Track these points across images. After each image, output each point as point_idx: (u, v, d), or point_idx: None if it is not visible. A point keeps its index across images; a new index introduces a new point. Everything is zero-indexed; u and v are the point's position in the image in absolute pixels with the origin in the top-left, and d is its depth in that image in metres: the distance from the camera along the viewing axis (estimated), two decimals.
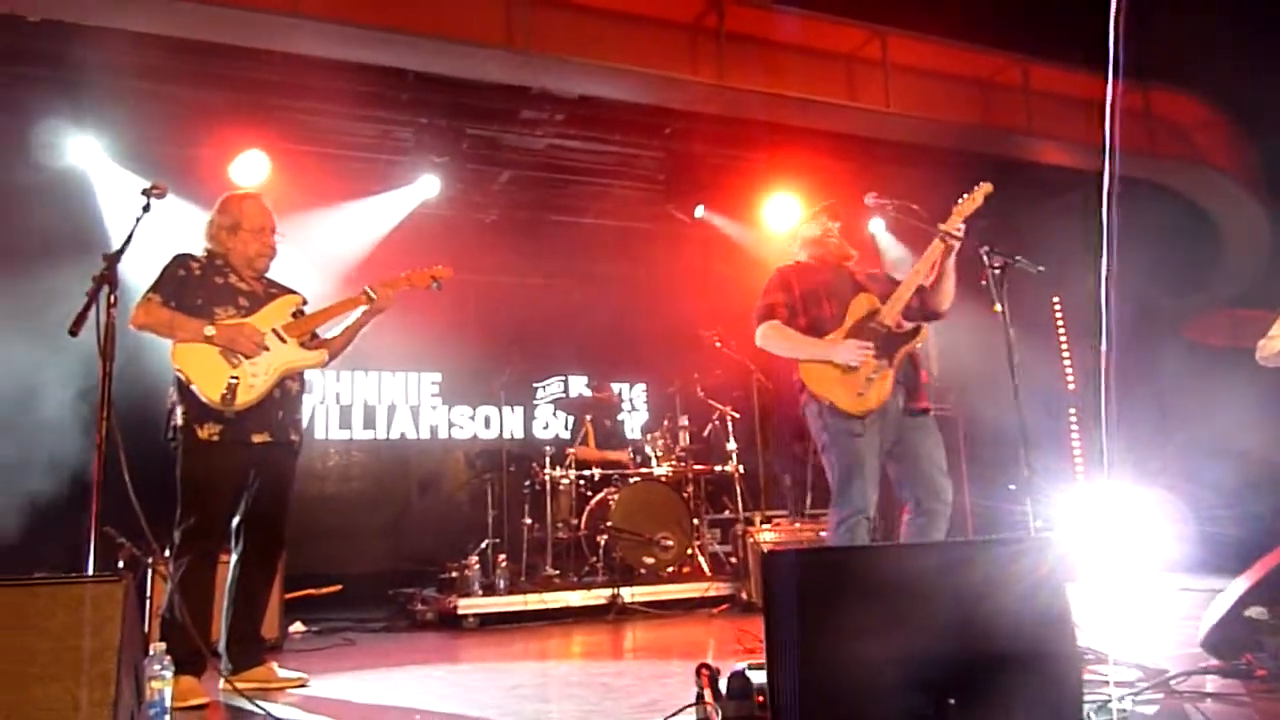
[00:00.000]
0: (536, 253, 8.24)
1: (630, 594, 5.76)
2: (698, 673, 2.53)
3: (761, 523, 6.42)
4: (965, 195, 3.65)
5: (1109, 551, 6.31)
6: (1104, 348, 3.04)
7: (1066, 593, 2.27)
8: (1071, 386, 8.31)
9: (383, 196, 7.10)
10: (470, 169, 7.31)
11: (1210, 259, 7.91)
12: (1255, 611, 2.95)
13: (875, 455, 3.51)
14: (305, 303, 3.80)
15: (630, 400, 9.15)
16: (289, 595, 5.27)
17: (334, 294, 3.87)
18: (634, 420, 8.90)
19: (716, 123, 6.80)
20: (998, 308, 3.28)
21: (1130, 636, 3.89)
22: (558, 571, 6.21)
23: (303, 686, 3.55)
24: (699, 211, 7.48)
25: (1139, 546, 6.50)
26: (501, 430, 8.15)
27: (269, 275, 3.82)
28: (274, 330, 3.58)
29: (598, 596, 5.73)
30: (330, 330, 3.82)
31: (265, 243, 3.75)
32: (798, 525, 6.37)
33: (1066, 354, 8.36)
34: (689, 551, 6.33)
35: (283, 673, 3.58)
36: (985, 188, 3.64)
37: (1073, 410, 8.20)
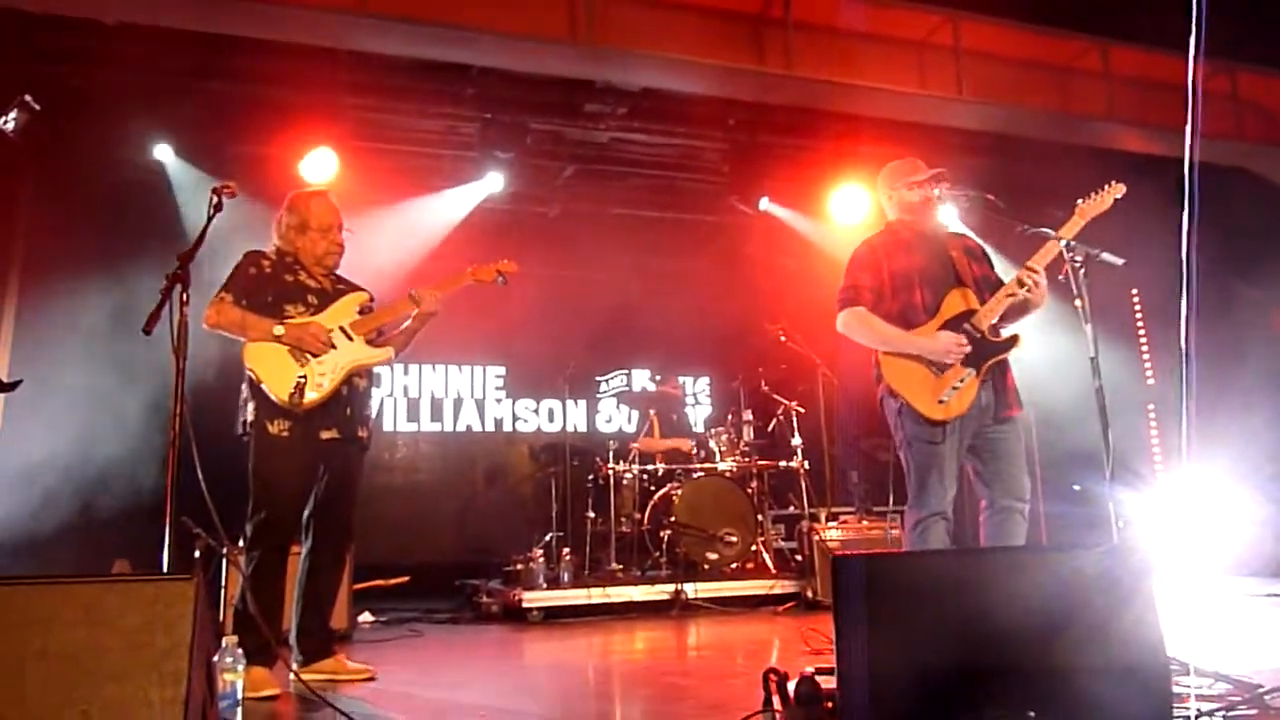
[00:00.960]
0: (599, 247, 8.23)
1: (693, 590, 5.72)
2: (765, 678, 2.48)
3: (827, 520, 6.32)
4: (1092, 195, 3.37)
5: (1190, 554, 6.07)
6: (1184, 342, 2.91)
7: (1154, 601, 2.17)
8: (1151, 382, 8.02)
9: (448, 193, 7.17)
10: (533, 164, 7.34)
11: None
12: None
13: (955, 456, 3.34)
14: (372, 300, 3.83)
15: (694, 394, 9.11)
16: (357, 586, 5.35)
17: (400, 290, 3.89)
18: (698, 414, 8.86)
19: (781, 113, 6.70)
20: (1078, 303, 3.14)
21: (1215, 645, 3.72)
22: (621, 566, 6.21)
23: (370, 680, 3.59)
24: (763, 204, 7.39)
25: (1222, 549, 6.25)
26: (565, 423, 8.18)
27: (338, 272, 3.86)
28: (341, 328, 3.62)
29: (661, 592, 5.70)
30: (393, 329, 3.85)
31: (333, 241, 3.79)
32: (864, 523, 6.25)
33: (1145, 349, 8.07)
34: (753, 548, 6.27)
35: (351, 665, 3.63)
36: (1117, 189, 3.35)
37: (1152, 407, 7.91)
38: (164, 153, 6.41)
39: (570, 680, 3.56)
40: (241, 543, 3.47)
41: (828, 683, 2.35)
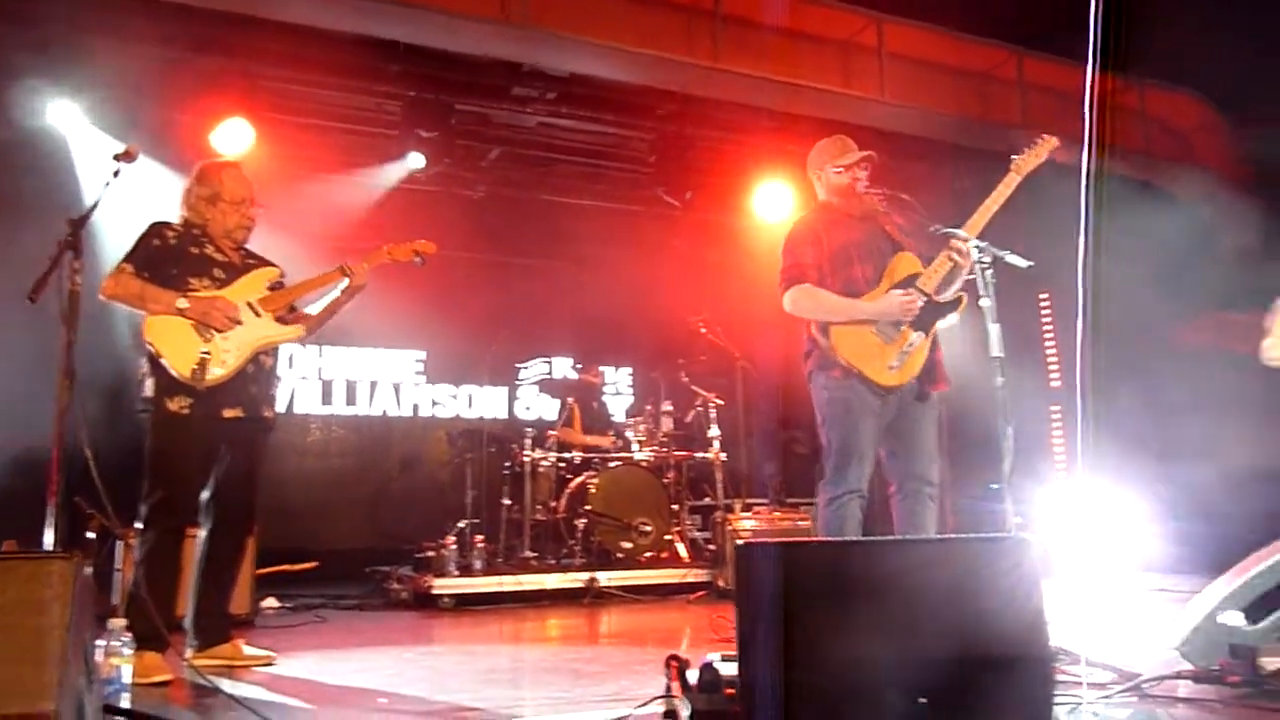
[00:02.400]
0: (525, 232, 8.17)
1: (607, 578, 5.74)
2: (667, 664, 2.49)
3: (741, 511, 6.40)
4: (1026, 150, 3.43)
5: (1087, 550, 6.31)
6: (1080, 344, 3.01)
7: (1042, 594, 2.24)
8: (1056, 384, 8.30)
9: (369, 170, 7.01)
10: (459, 145, 7.21)
11: (1201, 261, 7.89)
12: (1230, 617, 2.93)
13: (877, 433, 3.40)
14: (283, 276, 3.73)
15: (615, 384, 9.11)
16: (263, 570, 5.22)
17: (315, 267, 3.79)
18: (620, 404, 8.85)
19: (709, 106, 6.72)
20: (985, 302, 3.22)
21: (1107, 637, 3.88)
22: (535, 554, 6.18)
23: (269, 665, 3.50)
24: (689, 196, 7.41)
25: (1118, 545, 6.50)
26: (484, 410, 8.10)
27: (247, 246, 3.74)
28: (249, 304, 3.51)
29: (574, 580, 5.70)
30: (309, 305, 3.75)
31: (245, 214, 3.68)
32: (777, 514, 6.34)
33: (1052, 351, 8.35)
34: (667, 537, 6.31)
35: (249, 650, 3.54)
36: (1050, 141, 3.42)
37: (1056, 408, 8.19)
38: (64, 113, 6.09)
39: (474, 667, 3.52)
40: (138, 524, 3.35)
41: (730, 670, 2.37)
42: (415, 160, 6.88)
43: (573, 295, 8.09)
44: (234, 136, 6.11)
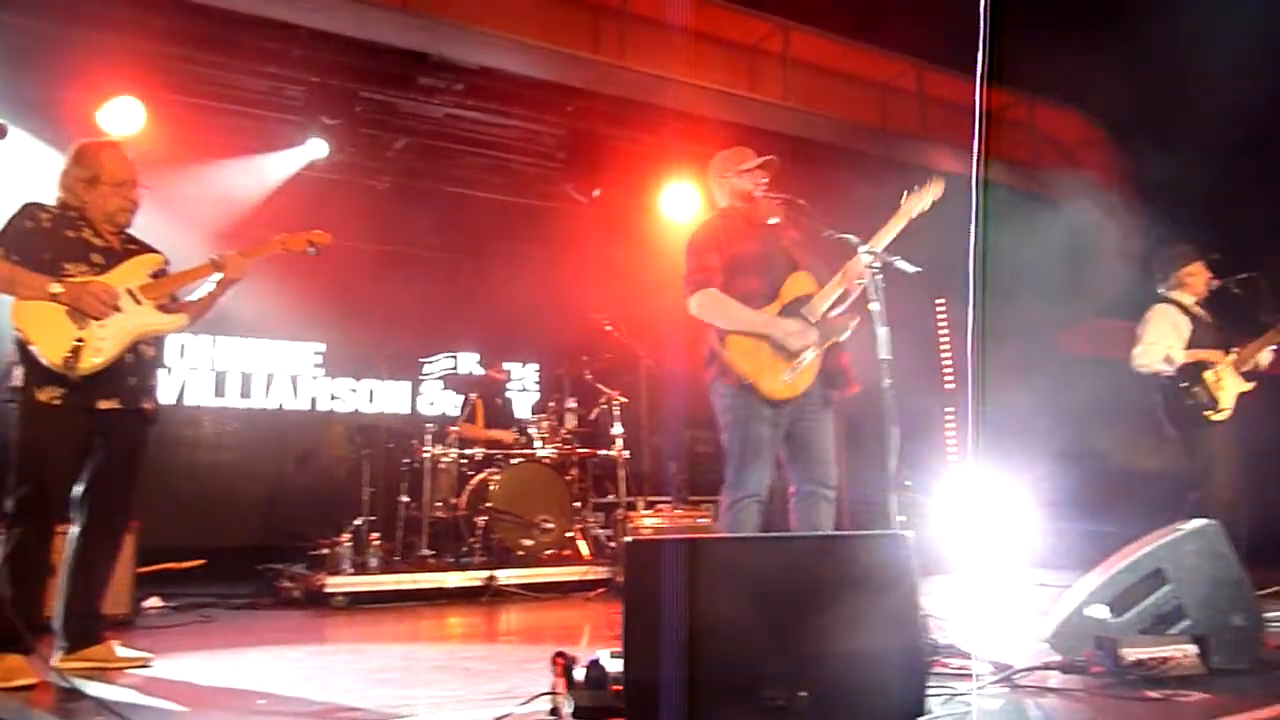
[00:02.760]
0: (430, 224, 8.04)
1: (507, 576, 5.69)
2: (553, 661, 2.49)
3: (644, 508, 6.43)
4: (916, 190, 3.53)
5: (976, 546, 6.55)
6: (970, 350, 3.13)
7: (917, 588, 2.31)
8: (950, 387, 8.59)
9: (268, 156, 6.79)
10: (363, 133, 7.06)
11: (1083, 271, 8.27)
12: (1096, 610, 3.08)
13: (776, 441, 3.47)
14: (167, 263, 3.58)
15: (522, 380, 9.04)
16: (145, 569, 5.01)
17: (207, 255, 3.65)
18: (526, 401, 8.79)
19: (618, 104, 6.73)
20: (873, 307, 3.32)
21: (986, 630, 4.03)
22: (433, 552, 6.10)
23: (145, 667, 3.36)
24: (597, 193, 7.41)
25: (1004, 543, 6.77)
26: (383, 405, 7.94)
27: (130, 231, 3.59)
28: (128, 291, 3.36)
29: (473, 578, 5.64)
30: (191, 294, 3.61)
31: (127, 197, 3.52)
32: (679, 511, 6.40)
33: (947, 355, 8.64)
34: (569, 535, 6.29)
35: (123, 652, 3.39)
36: (936, 187, 3.52)
37: (950, 410, 8.48)
38: None
39: (363, 666, 3.45)
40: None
41: (618, 667, 2.38)
42: (317, 148, 6.70)
43: (479, 290, 8.00)
44: (123, 115, 5.85)
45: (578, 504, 6.51)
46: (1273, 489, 4.99)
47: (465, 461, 6.45)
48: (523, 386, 8.97)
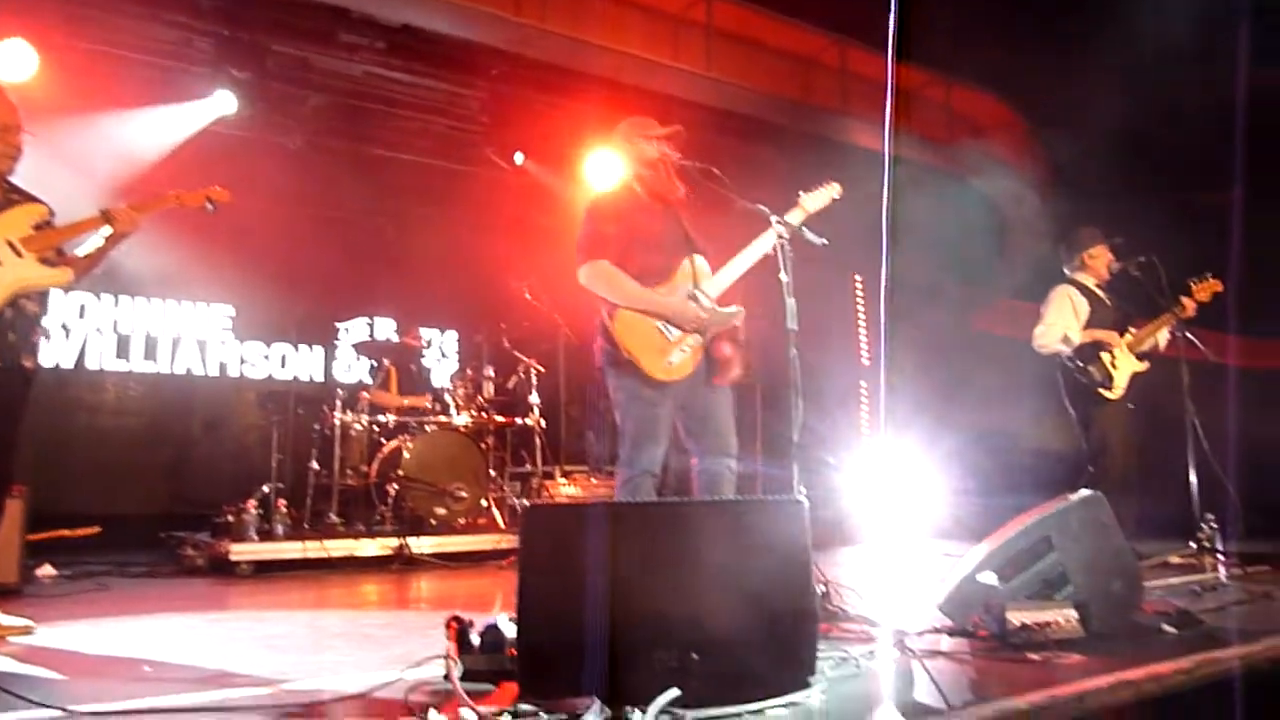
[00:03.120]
0: (347, 186, 7.82)
1: (419, 545, 5.63)
2: (446, 625, 2.47)
3: (561, 478, 6.42)
4: (814, 188, 3.57)
5: (883, 518, 6.71)
6: (882, 325, 3.18)
7: (809, 554, 2.34)
8: (866, 362, 8.76)
9: (172, 108, 6.51)
10: (276, 88, 6.84)
11: (998, 251, 8.49)
12: (986, 576, 3.17)
13: (669, 417, 3.47)
14: (52, 215, 3.41)
15: (441, 347, 8.91)
16: (37, 536, 4.84)
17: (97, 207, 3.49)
18: (445, 368, 8.67)
19: (541, 69, 6.64)
20: (782, 277, 3.34)
21: (887, 598, 4.13)
22: (343, 519, 5.99)
23: (27, 634, 3.24)
24: (518, 158, 7.31)
25: (912, 515, 6.95)
26: (295, 370, 7.75)
27: (13, 180, 3.40)
28: (8, 242, 3.19)
29: (384, 547, 5.58)
30: (80, 248, 3.45)
31: (9, 143, 3.34)
32: (595, 481, 6.41)
33: (864, 331, 8.79)
34: (484, 503, 6.25)
35: (4, 619, 3.25)
36: (833, 188, 3.59)
37: (864, 384, 8.65)
38: None
39: (259, 633, 3.38)
40: None
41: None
42: (225, 101, 6.45)
43: (397, 255, 7.83)
44: (12, 59, 5.54)
45: (493, 473, 6.46)
46: (1166, 465, 5.20)
47: (378, 429, 6.35)
48: (441, 354, 8.84)
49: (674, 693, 2.02)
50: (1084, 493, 3.28)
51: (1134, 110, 6.60)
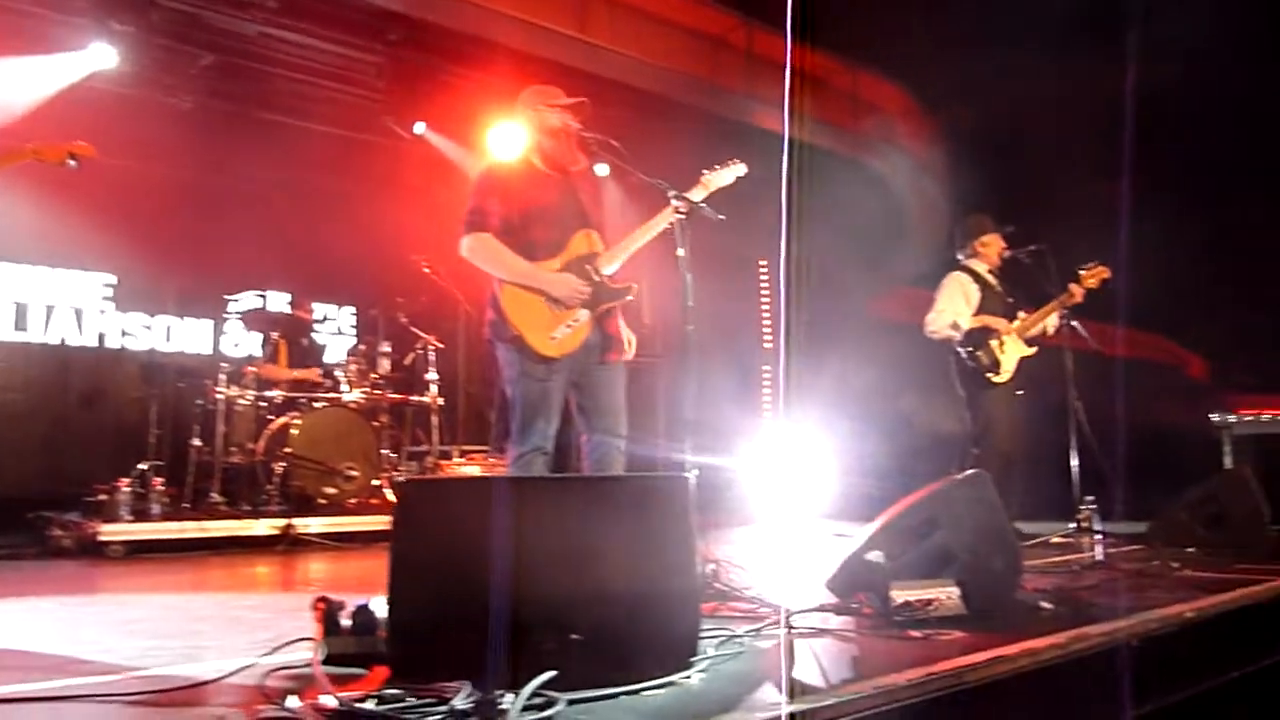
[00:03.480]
0: (239, 151, 7.44)
1: (306, 525, 5.44)
2: (313, 606, 2.35)
3: (459, 457, 6.29)
4: (716, 167, 3.53)
5: (779, 499, 6.79)
6: (781, 308, 3.16)
7: (693, 531, 2.30)
8: (769, 345, 8.82)
9: (40, 58, 6.08)
10: (162, 45, 6.46)
11: (897, 239, 8.64)
12: (873, 555, 3.20)
13: (560, 394, 3.43)
14: None
15: (337, 322, 8.62)
16: None
17: None
18: (341, 344, 8.39)
19: (443, 35, 6.43)
20: (680, 252, 3.29)
21: (777, 577, 4.15)
22: (225, 498, 5.74)
23: None
24: (419, 128, 7.08)
25: (807, 496, 7.05)
26: (177, 343, 7.38)
27: None
28: None
29: (270, 527, 5.37)
30: None
31: None
32: (494, 460, 6.30)
33: (767, 315, 8.85)
34: (375, 483, 6.07)
35: None
36: (737, 166, 3.55)
37: (766, 367, 8.72)
38: None
39: (118, 617, 3.18)
40: None
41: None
42: (104, 55, 6.05)
43: (292, 225, 7.50)
44: None
45: (389, 452, 6.28)
46: (1049, 448, 5.37)
47: (265, 404, 6.09)
48: (338, 329, 8.56)
49: (548, 675, 1.95)
50: (969, 472, 3.33)
51: (1033, 102, 6.77)
